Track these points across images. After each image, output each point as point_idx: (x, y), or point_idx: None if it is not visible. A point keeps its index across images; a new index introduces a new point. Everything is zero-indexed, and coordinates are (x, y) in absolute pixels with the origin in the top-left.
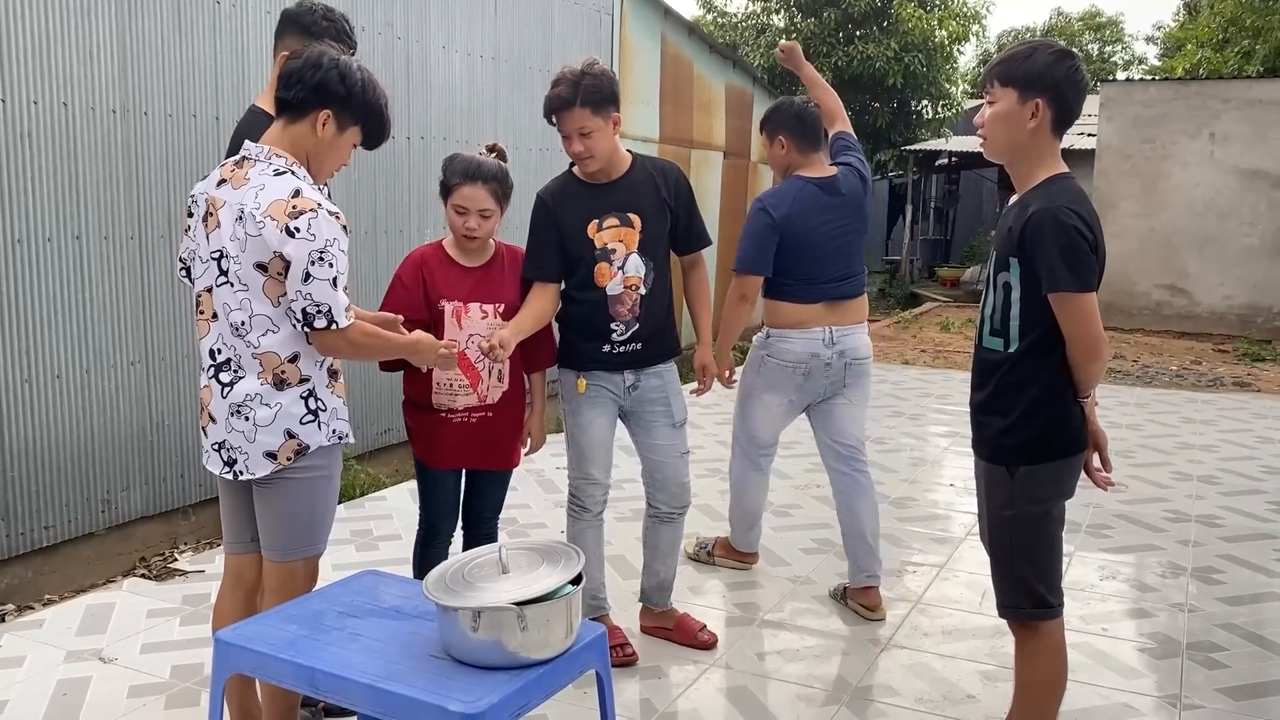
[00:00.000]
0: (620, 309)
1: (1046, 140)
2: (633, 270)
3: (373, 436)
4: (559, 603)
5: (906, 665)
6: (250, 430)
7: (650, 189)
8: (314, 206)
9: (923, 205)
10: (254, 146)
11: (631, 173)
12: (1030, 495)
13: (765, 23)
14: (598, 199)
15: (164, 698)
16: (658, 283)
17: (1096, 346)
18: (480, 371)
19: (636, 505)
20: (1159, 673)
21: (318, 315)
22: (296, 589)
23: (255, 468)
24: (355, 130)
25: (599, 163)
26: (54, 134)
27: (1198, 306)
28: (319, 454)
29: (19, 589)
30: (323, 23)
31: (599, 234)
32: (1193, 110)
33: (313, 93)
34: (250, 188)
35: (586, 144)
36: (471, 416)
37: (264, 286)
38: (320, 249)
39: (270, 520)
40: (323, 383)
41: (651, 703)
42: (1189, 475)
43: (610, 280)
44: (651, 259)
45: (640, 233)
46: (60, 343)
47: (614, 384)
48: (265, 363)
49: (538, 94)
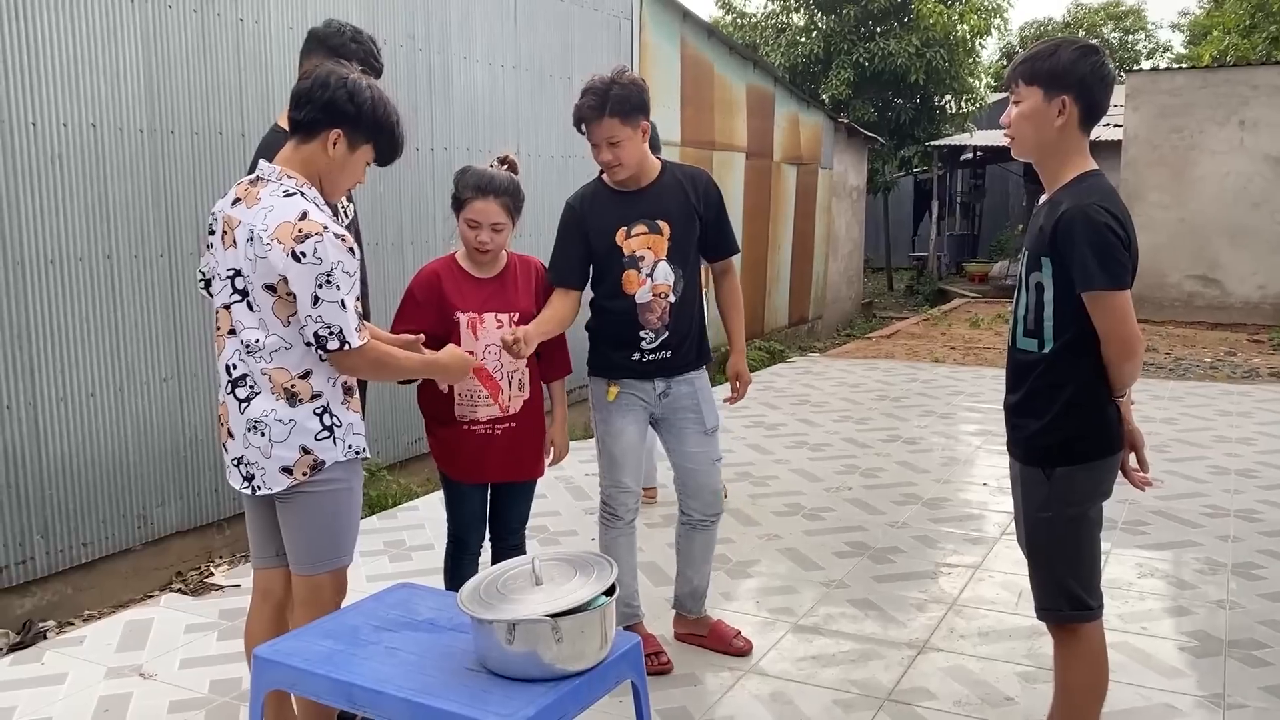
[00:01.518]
0: (650, 317)
1: (1074, 137)
2: (661, 278)
3: (404, 446)
4: (593, 614)
5: (943, 668)
6: (266, 446)
7: (679, 196)
8: (320, 230)
9: (949, 201)
10: (267, 166)
11: (661, 180)
12: (1068, 497)
13: (785, 22)
14: (627, 206)
15: (203, 713)
16: (687, 290)
17: (1132, 345)
18: (500, 382)
19: (667, 512)
20: (1200, 671)
21: (330, 337)
22: (324, 601)
23: (272, 483)
24: (367, 148)
25: (628, 171)
26: (84, 155)
27: (1230, 297)
28: (336, 468)
29: (59, 605)
30: (351, 45)
31: (627, 241)
32: (1221, 98)
33: (322, 112)
34: (261, 209)
35: (615, 153)
36: (496, 428)
37: (273, 307)
38: (327, 272)
39: (294, 534)
40: (337, 399)
41: (688, 710)
42: (1226, 469)
43: (639, 288)
44: (681, 266)
45: (669, 240)
46: (94, 361)
47: (645, 392)
48: (275, 379)
49: (559, 102)
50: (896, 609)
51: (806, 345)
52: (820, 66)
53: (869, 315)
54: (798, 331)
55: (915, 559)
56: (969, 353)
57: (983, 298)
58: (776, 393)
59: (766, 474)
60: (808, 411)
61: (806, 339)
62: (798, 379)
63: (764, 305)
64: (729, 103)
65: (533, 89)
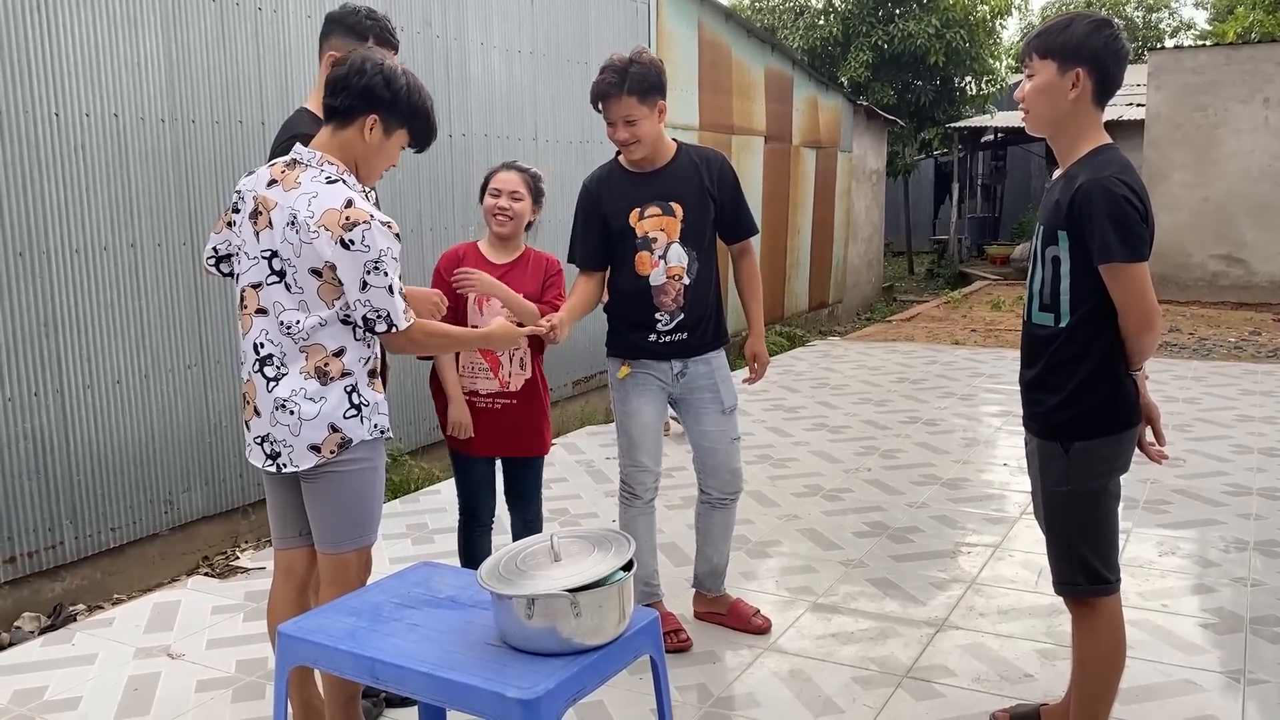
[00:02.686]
0: (664, 299)
1: (1088, 111)
2: (675, 260)
3: (425, 432)
4: (611, 589)
5: (963, 646)
6: (295, 424)
7: (693, 177)
8: (367, 219)
9: (969, 183)
10: (305, 151)
11: (675, 161)
12: (1086, 471)
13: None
14: (640, 187)
15: (230, 691)
16: (702, 272)
17: (1150, 317)
18: (500, 357)
19: (686, 493)
20: (1222, 648)
21: (378, 320)
22: (350, 579)
23: (300, 460)
24: (402, 133)
25: (643, 150)
26: (106, 145)
27: (1255, 276)
28: (362, 447)
29: (89, 589)
30: (366, 22)
31: (640, 223)
32: (1245, 75)
33: (359, 98)
34: (302, 194)
35: (631, 131)
36: (496, 403)
37: (319, 290)
38: (375, 259)
39: (320, 513)
40: (364, 380)
41: (707, 687)
42: (1249, 448)
43: (652, 270)
44: (695, 248)
45: (682, 222)
46: (119, 349)
47: (661, 372)
48: (311, 354)
49: (576, 87)
50: (916, 588)
51: (827, 329)
52: (839, 49)
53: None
54: (818, 316)
55: (934, 538)
56: (989, 335)
57: (1004, 280)
58: (796, 376)
59: (786, 456)
60: (827, 394)
61: (827, 323)
62: (817, 362)
63: (784, 290)
64: (747, 86)
65: (550, 74)
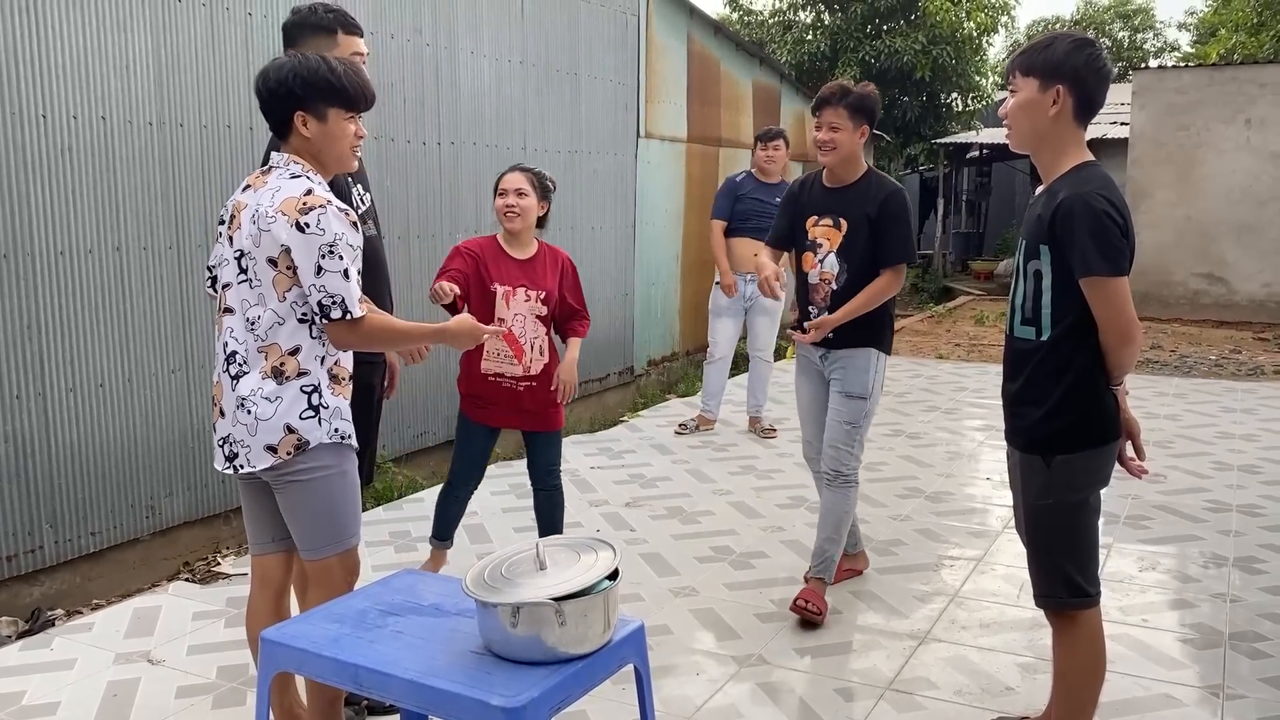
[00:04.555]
0: (815, 295)
1: (1069, 128)
2: (829, 266)
3: (409, 439)
4: (596, 598)
5: (945, 659)
6: (252, 424)
7: (861, 202)
8: (323, 203)
9: (954, 198)
10: (276, 156)
11: (856, 185)
12: (1067, 484)
13: (792, 19)
14: (823, 199)
15: (211, 698)
16: (850, 282)
17: (1130, 331)
18: (524, 345)
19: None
20: (1201, 663)
21: (333, 306)
22: (335, 582)
23: (256, 461)
24: (333, 111)
25: (837, 157)
26: (93, 147)
27: (1236, 295)
28: (324, 452)
29: (68, 594)
30: (328, 17)
31: (814, 228)
32: (1228, 96)
33: (276, 109)
34: (268, 189)
35: (833, 136)
36: (519, 385)
37: (274, 280)
38: (330, 243)
39: (295, 520)
40: (325, 382)
41: (690, 698)
42: (1229, 465)
43: (811, 269)
44: (847, 261)
45: (843, 236)
46: (103, 352)
47: (812, 355)
48: (269, 354)
49: (566, 97)
50: (898, 600)
51: None
52: (827, 64)
53: None
54: None
55: (917, 551)
56: (973, 349)
57: (988, 295)
58: (782, 388)
59: (771, 467)
60: None
61: None
62: None
63: None
64: (735, 99)
65: (539, 84)
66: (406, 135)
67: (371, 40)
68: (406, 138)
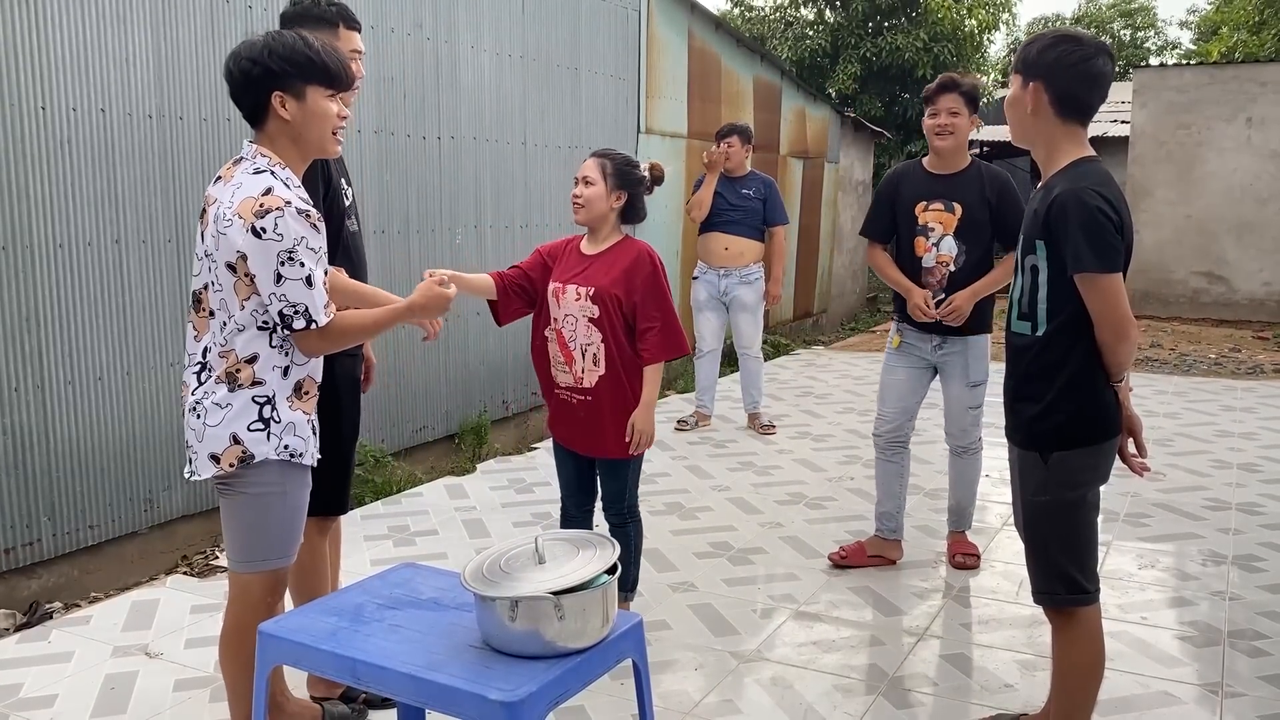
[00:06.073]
0: (930, 280)
1: (1054, 124)
2: (946, 249)
3: (409, 434)
4: (595, 592)
5: (943, 655)
6: (200, 430)
7: (976, 186)
8: (281, 205)
9: None
10: (247, 146)
11: (965, 172)
12: (1065, 480)
13: (793, 15)
14: (930, 185)
15: (208, 691)
16: (968, 265)
17: (1124, 327)
18: (573, 351)
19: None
20: (1200, 661)
21: (295, 316)
22: (252, 601)
23: (201, 469)
24: (312, 89)
25: (956, 140)
26: (93, 140)
27: (1236, 293)
28: (271, 469)
29: (66, 587)
30: (330, 9)
31: (924, 213)
32: (1229, 94)
33: (250, 91)
34: (231, 185)
35: (953, 120)
36: (573, 397)
37: (234, 286)
38: (289, 249)
39: (226, 527)
40: (283, 394)
41: (688, 693)
42: (1229, 463)
43: (925, 253)
44: (966, 244)
45: (959, 220)
46: (102, 345)
47: (922, 344)
48: (227, 359)
49: (566, 92)
50: (897, 597)
51: (811, 338)
52: (828, 60)
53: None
54: (802, 325)
55: (916, 548)
56: None
57: None
58: (780, 384)
59: (770, 464)
60: (811, 403)
61: (811, 332)
62: (801, 371)
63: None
64: (736, 95)
65: (540, 79)
66: (406, 130)
67: (372, 34)
68: (406, 132)
